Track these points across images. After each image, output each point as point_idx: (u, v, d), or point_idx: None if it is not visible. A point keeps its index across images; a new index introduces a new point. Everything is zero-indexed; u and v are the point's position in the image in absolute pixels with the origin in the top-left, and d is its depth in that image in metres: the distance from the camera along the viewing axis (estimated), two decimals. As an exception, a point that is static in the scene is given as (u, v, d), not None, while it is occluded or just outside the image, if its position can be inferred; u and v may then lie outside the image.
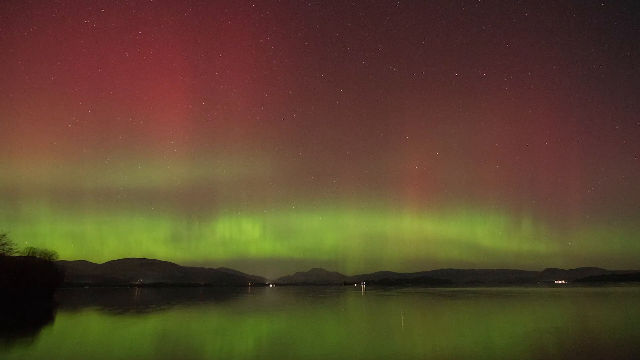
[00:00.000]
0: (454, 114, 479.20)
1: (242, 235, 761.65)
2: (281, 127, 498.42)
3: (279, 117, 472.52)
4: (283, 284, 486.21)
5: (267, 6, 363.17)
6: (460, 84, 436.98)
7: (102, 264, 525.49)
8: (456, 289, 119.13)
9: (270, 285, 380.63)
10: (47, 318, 27.29)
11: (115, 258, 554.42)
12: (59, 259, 58.83)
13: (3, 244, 46.67)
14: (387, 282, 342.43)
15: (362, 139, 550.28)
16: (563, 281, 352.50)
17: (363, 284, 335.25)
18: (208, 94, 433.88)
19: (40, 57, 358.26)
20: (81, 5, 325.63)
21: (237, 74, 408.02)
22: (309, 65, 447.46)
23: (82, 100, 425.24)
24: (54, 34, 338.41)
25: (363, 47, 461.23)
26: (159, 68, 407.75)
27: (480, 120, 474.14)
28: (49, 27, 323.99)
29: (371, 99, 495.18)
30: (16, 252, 48.90)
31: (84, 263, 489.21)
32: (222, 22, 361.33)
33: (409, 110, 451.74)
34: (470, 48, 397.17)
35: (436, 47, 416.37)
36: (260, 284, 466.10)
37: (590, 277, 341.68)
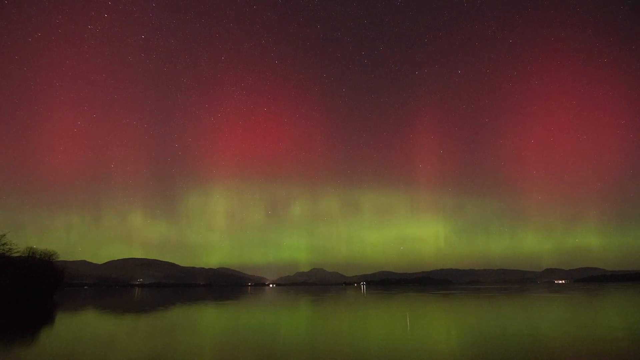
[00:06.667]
0: (458, 111, 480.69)
1: (243, 235, 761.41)
2: (283, 127, 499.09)
3: (281, 118, 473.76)
4: (283, 284, 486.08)
5: (268, 8, 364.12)
6: (463, 81, 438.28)
7: (102, 264, 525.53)
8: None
9: (270, 286, 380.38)
10: (47, 318, 27.20)
11: (115, 258, 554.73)
12: (59, 259, 58.79)
13: (3, 244, 46.62)
14: (387, 282, 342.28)
15: (365, 139, 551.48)
16: (563, 281, 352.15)
17: (363, 284, 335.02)
18: (211, 95, 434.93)
19: (44, 63, 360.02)
20: (84, 11, 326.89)
21: (239, 75, 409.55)
22: (311, 66, 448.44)
23: (87, 104, 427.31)
24: (58, 40, 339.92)
25: (365, 46, 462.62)
26: (162, 71, 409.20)
27: (484, 117, 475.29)
28: (53, 33, 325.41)
29: (374, 98, 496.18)
30: (16, 252, 48.88)
31: (84, 263, 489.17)
32: (224, 24, 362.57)
33: (412, 109, 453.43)
34: (473, 45, 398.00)
35: (438, 45, 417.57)
36: (260, 284, 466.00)
37: (590, 277, 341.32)
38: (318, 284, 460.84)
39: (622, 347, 12.49)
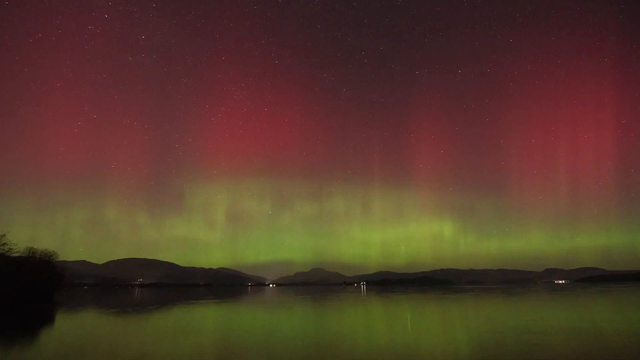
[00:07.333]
0: (458, 111, 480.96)
1: (243, 235, 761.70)
2: (284, 127, 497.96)
3: (282, 118, 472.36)
4: (283, 284, 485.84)
5: (268, 7, 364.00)
6: (463, 81, 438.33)
7: (102, 264, 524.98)
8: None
9: (271, 285, 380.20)
10: (47, 318, 27.18)
11: (115, 258, 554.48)
12: (59, 259, 58.73)
13: (3, 244, 46.55)
14: (387, 282, 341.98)
15: (365, 139, 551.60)
16: (563, 281, 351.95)
17: (363, 284, 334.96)
18: (211, 95, 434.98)
19: (45, 63, 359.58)
20: (85, 12, 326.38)
21: (240, 75, 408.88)
22: (311, 66, 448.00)
23: (88, 105, 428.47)
24: (59, 40, 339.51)
25: (365, 46, 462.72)
26: (163, 72, 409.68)
27: (484, 117, 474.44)
28: (54, 33, 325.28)
29: (374, 98, 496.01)
30: (16, 252, 48.81)
31: (84, 263, 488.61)
32: (224, 24, 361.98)
33: (413, 108, 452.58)
34: (473, 45, 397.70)
35: (438, 44, 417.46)
36: (260, 284, 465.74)
37: (590, 277, 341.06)
38: (318, 284, 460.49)
39: (623, 345, 12.49)
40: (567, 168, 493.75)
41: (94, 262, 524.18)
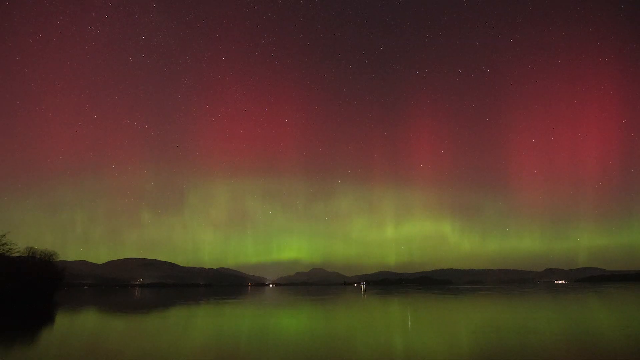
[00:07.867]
0: (459, 111, 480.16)
1: (243, 235, 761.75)
2: (284, 128, 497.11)
3: (282, 118, 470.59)
4: (283, 284, 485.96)
5: (268, 7, 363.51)
6: (463, 81, 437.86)
7: (102, 264, 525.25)
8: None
9: (271, 286, 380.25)
10: (47, 318, 27.18)
11: (115, 258, 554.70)
12: (59, 259, 58.67)
13: (3, 244, 46.55)
14: (387, 282, 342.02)
15: (366, 139, 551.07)
16: (563, 281, 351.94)
17: (363, 284, 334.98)
18: (211, 96, 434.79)
19: (45, 64, 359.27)
20: (85, 12, 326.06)
21: (240, 76, 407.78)
22: (311, 66, 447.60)
23: (88, 105, 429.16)
24: (59, 41, 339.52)
25: (365, 46, 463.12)
26: (163, 72, 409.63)
27: (485, 117, 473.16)
28: (54, 34, 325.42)
29: (374, 98, 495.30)
30: (16, 252, 48.80)
31: (84, 263, 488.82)
32: (224, 24, 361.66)
33: (413, 108, 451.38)
34: (474, 44, 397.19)
35: (439, 44, 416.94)
36: (260, 284, 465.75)
37: (590, 277, 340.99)
38: (318, 284, 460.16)
39: (623, 345, 12.49)
40: (567, 168, 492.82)
41: (94, 262, 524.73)
